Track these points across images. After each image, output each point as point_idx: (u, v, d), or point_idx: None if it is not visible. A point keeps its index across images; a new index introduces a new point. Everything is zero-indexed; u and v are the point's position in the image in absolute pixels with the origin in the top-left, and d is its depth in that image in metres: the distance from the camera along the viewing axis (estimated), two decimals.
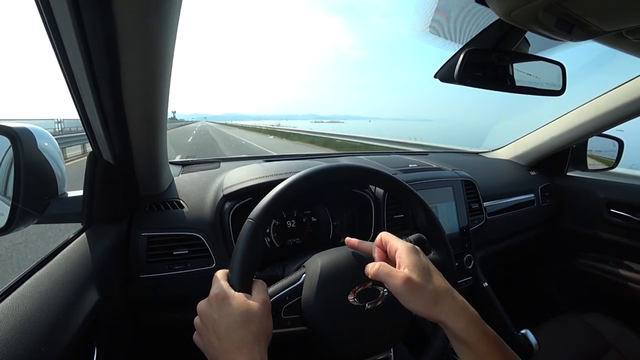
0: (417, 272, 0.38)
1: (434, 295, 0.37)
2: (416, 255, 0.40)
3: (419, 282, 0.37)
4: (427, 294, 0.37)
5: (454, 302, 0.38)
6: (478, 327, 0.37)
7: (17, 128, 0.52)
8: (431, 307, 0.37)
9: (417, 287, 0.37)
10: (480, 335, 0.36)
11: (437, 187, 0.98)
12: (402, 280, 0.37)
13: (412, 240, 0.60)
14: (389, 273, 0.38)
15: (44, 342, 0.39)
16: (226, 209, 0.72)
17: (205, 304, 0.38)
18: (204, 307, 0.38)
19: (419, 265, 0.38)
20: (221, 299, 0.37)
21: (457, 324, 0.36)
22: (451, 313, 0.37)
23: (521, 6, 0.41)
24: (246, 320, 0.36)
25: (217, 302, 0.37)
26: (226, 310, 0.36)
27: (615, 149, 1.33)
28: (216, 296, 0.37)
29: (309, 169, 0.46)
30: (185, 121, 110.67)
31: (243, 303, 0.37)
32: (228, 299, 0.37)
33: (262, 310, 0.38)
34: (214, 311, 0.37)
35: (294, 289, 0.43)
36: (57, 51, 0.44)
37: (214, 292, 0.38)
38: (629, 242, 1.18)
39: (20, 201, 0.51)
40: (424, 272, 0.38)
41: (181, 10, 0.41)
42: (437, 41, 0.66)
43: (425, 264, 0.39)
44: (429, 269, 0.39)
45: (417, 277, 0.37)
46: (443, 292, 0.38)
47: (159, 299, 0.70)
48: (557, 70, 0.68)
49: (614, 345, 0.86)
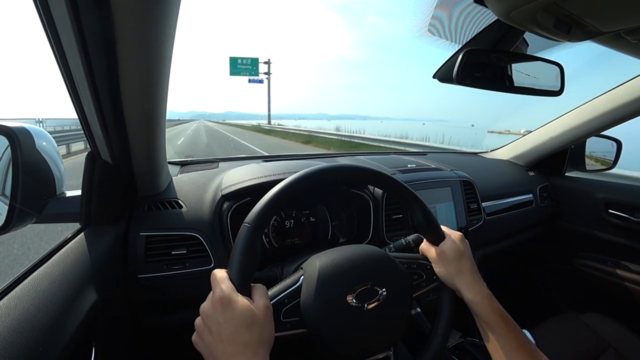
0: (450, 251, 0.51)
1: (456, 269, 0.51)
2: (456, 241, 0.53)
3: (448, 256, 0.51)
4: (451, 266, 0.51)
5: (470, 278, 0.50)
6: (485, 300, 0.49)
7: (15, 127, 0.52)
8: (452, 276, 0.51)
9: (445, 259, 0.51)
10: (487, 308, 0.48)
11: (436, 188, 0.98)
12: (436, 254, 0.52)
13: (410, 241, 0.60)
14: (428, 250, 0.54)
15: (42, 342, 0.39)
16: (225, 209, 0.72)
17: (209, 306, 0.38)
18: (207, 310, 0.38)
19: (453, 247, 0.52)
20: (226, 302, 0.37)
21: (468, 294, 0.49)
22: (465, 285, 0.50)
23: (520, 6, 0.41)
24: (251, 324, 0.36)
25: (221, 305, 0.37)
26: (231, 314, 0.36)
27: (614, 150, 1.33)
28: (220, 299, 0.37)
29: (306, 169, 0.46)
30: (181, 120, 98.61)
31: (247, 307, 0.37)
32: (233, 303, 0.37)
33: (265, 315, 0.38)
34: (219, 314, 0.37)
35: (292, 292, 0.43)
36: (55, 51, 0.44)
37: (217, 294, 0.38)
38: (627, 243, 1.18)
39: (18, 201, 0.51)
40: (457, 253, 0.51)
41: (179, 11, 0.41)
42: (435, 41, 0.66)
43: (461, 249, 0.52)
44: (462, 253, 0.52)
45: (448, 253, 0.51)
46: (465, 269, 0.51)
47: (157, 299, 0.70)
48: (556, 71, 0.68)
49: (612, 345, 0.86)
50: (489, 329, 0.48)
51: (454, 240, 0.53)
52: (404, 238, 0.60)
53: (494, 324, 0.47)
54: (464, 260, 0.51)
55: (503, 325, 0.47)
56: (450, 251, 0.51)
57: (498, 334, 0.47)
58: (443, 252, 0.51)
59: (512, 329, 0.47)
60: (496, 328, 0.47)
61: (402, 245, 0.59)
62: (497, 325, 0.47)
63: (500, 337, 0.47)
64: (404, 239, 0.60)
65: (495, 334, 0.47)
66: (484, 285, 0.51)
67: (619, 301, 1.18)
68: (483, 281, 0.51)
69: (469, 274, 0.51)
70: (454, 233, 0.55)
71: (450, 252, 0.51)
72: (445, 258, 0.51)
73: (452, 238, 0.53)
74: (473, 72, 0.59)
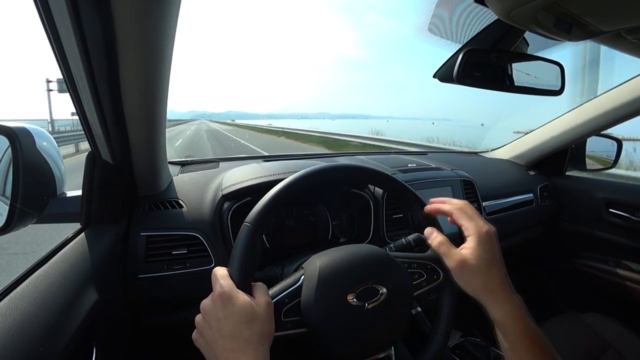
0: (475, 258, 0.41)
1: (483, 283, 0.41)
2: (484, 244, 0.42)
3: (472, 267, 0.41)
4: (477, 280, 0.41)
5: (501, 294, 0.41)
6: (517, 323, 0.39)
7: (15, 128, 0.52)
8: (479, 293, 0.41)
9: (469, 270, 0.41)
10: (517, 331, 0.39)
11: (436, 187, 0.98)
12: (456, 262, 0.41)
13: (411, 240, 0.60)
14: (447, 253, 0.43)
15: (43, 342, 0.39)
16: (225, 208, 0.72)
17: (210, 302, 0.38)
18: (208, 306, 0.38)
19: (479, 255, 0.41)
20: (227, 298, 0.37)
21: (495, 314, 0.40)
22: (493, 302, 0.40)
23: (520, 6, 0.41)
24: (251, 320, 0.36)
25: (222, 301, 0.37)
26: (231, 310, 0.36)
27: (614, 149, 1.33)
28: (221, 295, 0.37)
29: (307, 169, 0.46)
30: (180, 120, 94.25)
31: (248, 303, 0.37)
32: (233, 299, 0.37)
33: (266, 311, 0.38)
34: (219, 310, 0.37)
35: (293, 291, 0.43)
36: (56, 51, 0.44)
37: (218, 291, 0.38)
38: (627, 242, 1.18)
39: (18, 201, 0.51)
40: (484, 262, 0.41)
41: (180, 11, 0.41)
42: (436, 41, 0.66)
43: (490, 257, 0.41)
44: (490, 262, 0.41)
45: (474, 263, 0.41)
46: (493, 285, 0.41)
47: (157, 299, 0.70)
48: (556, 70, 0.68)
49: (612, 344, 0.86)
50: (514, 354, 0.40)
51: (482, 242, 0.41)
52: (405, 237, 0.60)
53: (521, 350, 0.39)
54: (493, 273, 0.41)
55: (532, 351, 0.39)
56: (475, 261, 0.41)
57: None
58: (465, 261, 0.41)
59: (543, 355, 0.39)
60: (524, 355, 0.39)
61: (402, 245, 0.59)
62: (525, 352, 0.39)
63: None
64: (405, 238, 0.60)
65: None
66: (516, 302, 0.41)
67: (620, 301, 1.18)
68: (516, 296, 0.41)
69: (499, 290, 0.41)
70: (481, 230, 0.42)
71: (476, 261, 0.41)
72: (468, 269, 0.41)
73: (477, 238, 0.42)
74: (473, 72, 0.59)
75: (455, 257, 0.42)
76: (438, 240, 0.45)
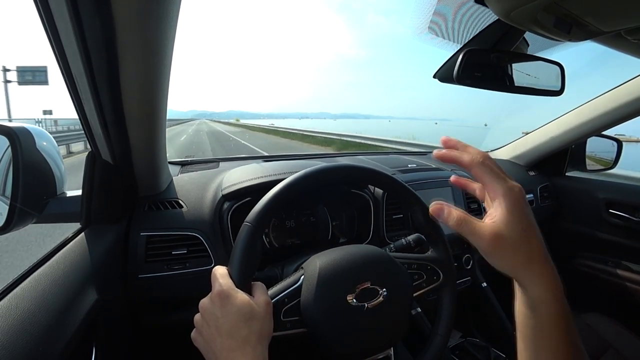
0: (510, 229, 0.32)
1: (525, 258, 0.32)
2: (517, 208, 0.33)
3: (509, 242, 0.32)
4: (518, 255, 0.32)
5: (541, 267, 0.33)
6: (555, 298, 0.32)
7: (15, 127, 0.52)
8: (518, 270, 0.33)
9: (508, 246, 0.32)
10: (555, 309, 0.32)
11: (436, 187, 0.98)
12: (490, 239, 0.32)
13: (411, 241, 0.60)
14: (473, 231, 0.33)
15: (43, 341, 0.39)
16: (225, 208, 0.72)
17: (208, 301, 0.38)
18: (206, 304, 0.38)
19: (516, 221, 0.32)
20: (225, 297, 0.37)
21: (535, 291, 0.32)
22: (534, 278, 0.32)
23: (520, 6, 0.41)
24: (249, 319, 0.36)
25: (220, 300, 0.37)
26: (230, 309, 0.36)
27: (614, 150, 1.33)
28: (219, 294, 0.37)
29: (307, 169, 0.46)
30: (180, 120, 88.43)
31: (247, 302, 0.37)
32: (232, 298, 0.37)
33: (265, 310, 0.38)
34: (217, 309, 0.37)
35: (292, 291, 0.43)
36: (56, 51, 0.44)
37: (217, 289, 0.38)
38: (628, 243, 1.18)
39: (19, 201, 0.51)
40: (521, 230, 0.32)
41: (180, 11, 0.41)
42: (436, 41, 0.66)
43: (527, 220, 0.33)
44: (528, 228, 0.33)
45: (509, 235, 0.32)
46: (536, 256, 0.33)
47: (157, 298, 0.70)
48: (556, 71, 0.68)
49: (612, 345, 0.86)
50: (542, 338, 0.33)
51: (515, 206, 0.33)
52: (405, 238, 0.60)
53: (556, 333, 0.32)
54: (533, 243, 0.33)
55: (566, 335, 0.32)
56: (511, 232, 0.32)
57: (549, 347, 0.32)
58: (500, 235, 0.32)
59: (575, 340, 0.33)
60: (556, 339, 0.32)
61: (402, 245, 0.59)
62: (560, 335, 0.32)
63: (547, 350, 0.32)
64: (405, 238, 0.60)
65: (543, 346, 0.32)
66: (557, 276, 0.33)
67: (620, 301, 1.18)
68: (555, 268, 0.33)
69: (540, 263, 0.33)
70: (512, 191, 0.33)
71: (511, 232, 0.32)
72: (503, 243, 0.32)
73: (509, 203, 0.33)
74: (473, 72, 0.59)
75: (486, 233, 0.33)
76: (455, 217, 0.34)
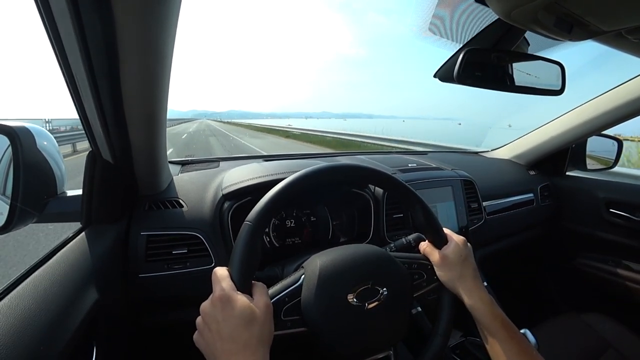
0: (453, 255, 0.51)
1: (458, 274, 0.51)
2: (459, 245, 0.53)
3: (450, 261, 0.51)
4: (453, 271, 0.51)
5: (471, 283, 0.51)
6: (486, 306, 0.49)
7: (16, 127, 0.52)
8: (453, 281, 0.51)
9: (448, 264, 0.51)
10: (488, 314, 0.48)
11: (437, 187, 0.98)
12: (438, 258, 0.52)
13: (411, 240, 0.60)
14: (431, 252, 0.53)
15: (43, 341, 0.39)
16: (225, 208, 0.72)
17: (209, 304, 0.38)
18: (207, 308, 0.38)
19: (456, 251, 0.52)
20: (225, 300, 0.37)
21: (469, 300, 0.50)
22: (466, 290, 0.50)
23: (521, 6, 0.41)
24: (250, 322, 0.36)
25: (221, 303, 0.37)
26: (230, 312, 0.36)
27: (614, 149, 1.33)
28: (220, 298, 0.37)
29: (308, 169, 0.46)
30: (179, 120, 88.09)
31: (247, 305, 0.37)
32: (232, 301, 0.37)
33: (265, 313, 0.38)
34: (218, 312, 0.37)
35: (293, 291, 0.43)
36: (56, 51, 0.44)
37: (217, 293, 0.38)
38: (628, 242, 1.18)
39: (19, 200, 0.51)
40: (459, 257, 0.51)
41: (180, 11, 0.41)
42: (436, 41, 0.66)
43: (465, 254, 0.52)
44: (464, 258, 0.52)
45: (451, 257, 0.51)
46: (466, 275, 0.51)
47: (157, 298, 0.70)
48: (557, 70, 0.68)
49: (612, 344, 0.86)
50: (490, 334, 0.48)
51: (457, 243, 0.53)
52: (405, 237, 0.60)
53: (494, 330, 0.48)
54: (466, 266, 0.52)
55: (503, 331, 0.48)
56: (453, 255, 0.51)
57: (499, 339, 0.47)
58: (446, 256, 0.51)
59: (512, 335, 0.48)
60: (497, 334, 0.48)
61: (402, 245, 0.59)
62: (497, 332, 0.48)
63: (501, 342, 0.47)
64: (405, 238, 0.60)
65: (496, 339, 0.47)
66: (485, 291, 0.51)
67: (620, 301, 1.18)
68: (484, 287, 0.52)
69: (470, 280, 0.51)
70: (457, 237, 0.55)
71: (453, 256, 0.51)
72: (447, 263, 0.51)
73: (455, 241, 0.53)
74: (474, 72, 0.59)
75: (437, 254, 0.52)
76: (424, 245, 0.56)
